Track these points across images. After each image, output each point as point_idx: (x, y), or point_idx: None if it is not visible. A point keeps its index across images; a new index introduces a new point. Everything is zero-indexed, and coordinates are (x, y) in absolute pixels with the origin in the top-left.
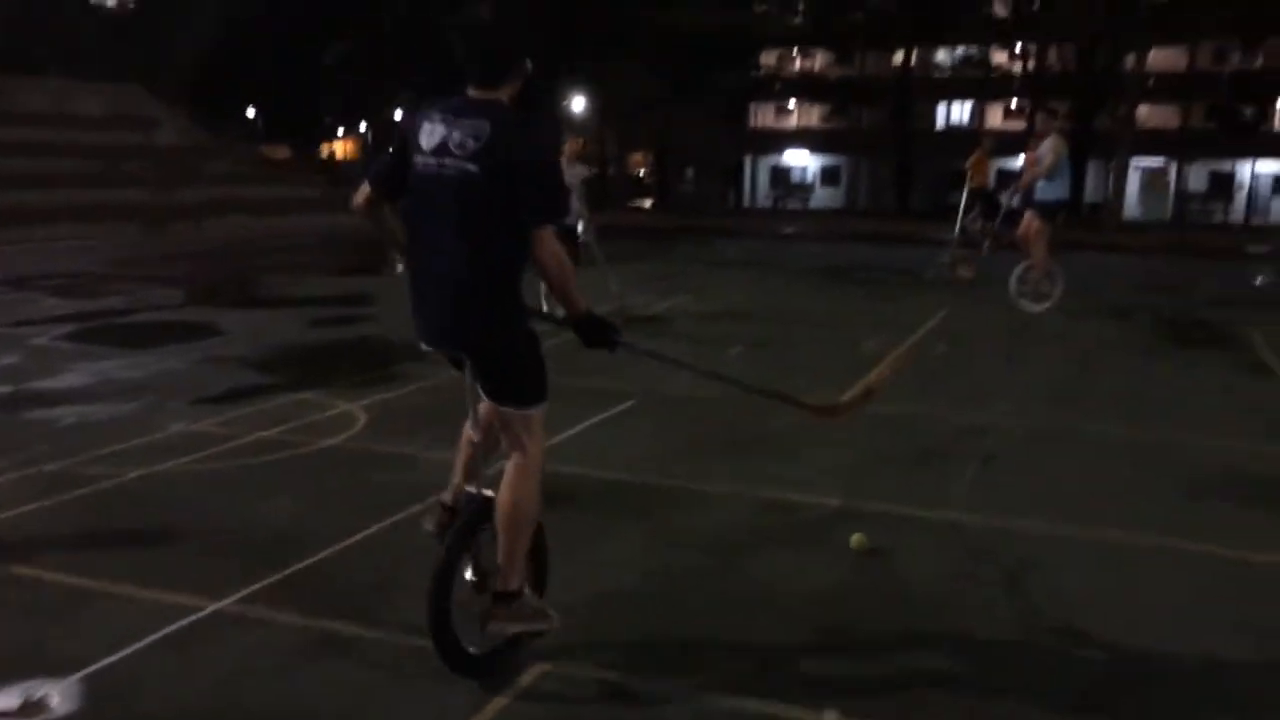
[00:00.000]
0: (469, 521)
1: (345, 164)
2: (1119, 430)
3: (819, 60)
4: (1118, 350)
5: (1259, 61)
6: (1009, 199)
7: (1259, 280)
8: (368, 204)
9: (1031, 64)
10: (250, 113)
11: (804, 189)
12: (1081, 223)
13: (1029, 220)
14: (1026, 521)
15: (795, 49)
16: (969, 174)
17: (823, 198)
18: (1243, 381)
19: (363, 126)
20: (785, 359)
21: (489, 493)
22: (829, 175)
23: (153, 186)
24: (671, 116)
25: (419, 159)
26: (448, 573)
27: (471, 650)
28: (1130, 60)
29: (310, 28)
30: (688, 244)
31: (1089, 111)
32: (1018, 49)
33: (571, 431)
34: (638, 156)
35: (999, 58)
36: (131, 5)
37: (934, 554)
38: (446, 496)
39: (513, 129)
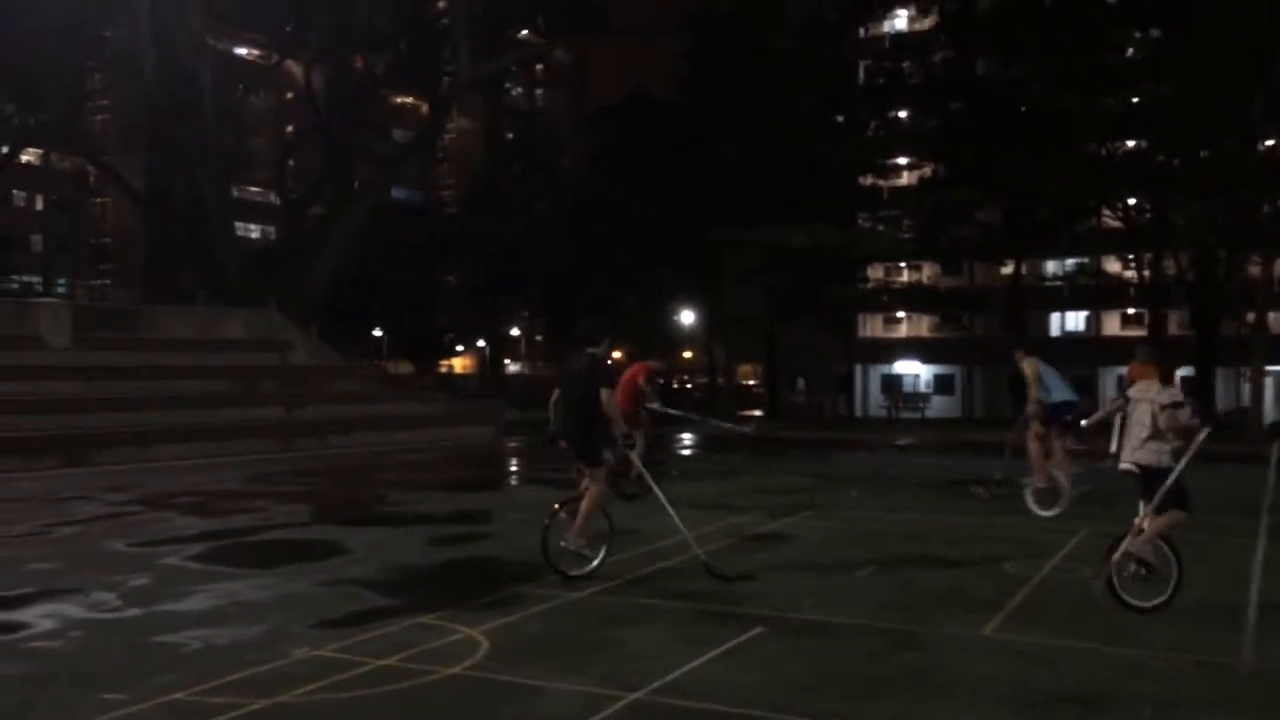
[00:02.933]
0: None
1: (463, 378)
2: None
3: (927, 271)
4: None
5: None
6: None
7: None
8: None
9: (1147, 272)
10: (377, 331)
11: (918, 398)
12: (1218, 435)
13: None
14: None
15: (903, 263)
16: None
17: (938, 406)
18: None
19: (480, 343)
20: (918, 580)
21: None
22: (942, 383)
23: (284, 404)
24: (780, 328)
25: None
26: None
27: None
28: (1256, 266)
29: (432, 252)
30: (801, 455)
31: (1212, 318)
32: (1131, 258)
33: (695, 663)
34: (746, 368)
35: (1113, 266)
36: (273, 237)
37: None
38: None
39: (599, 359)
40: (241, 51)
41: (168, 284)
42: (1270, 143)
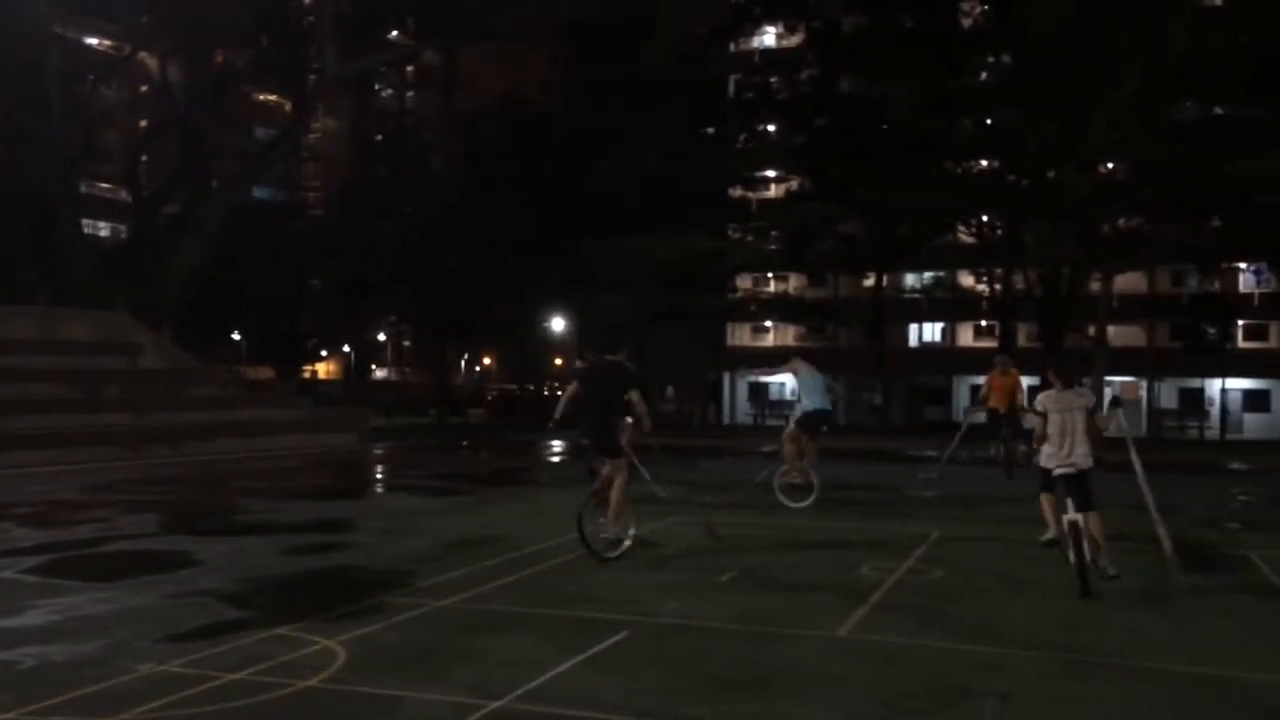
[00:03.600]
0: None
1: (327, 384)
2: (1143, 663)
3: (794, 282)
4: (1123, 573)
5: (1216, 285)
6: None
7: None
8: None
9: (999, 286)
10: (235, 335)
11: (783, 405)
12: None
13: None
14: None
15: (770, 273)
16: (987, 395)
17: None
18: (1262, 607)
19: (345, 348)
20: (778, 583)
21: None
22: None
23: (133, 410)
24: (650, 336)
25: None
26: (583, 517)
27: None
28: (1097, 283)
29: (296, 253)
30: (670, 463)
31: (1057, 331)
32: (984, 272)
33: (560, 669)
34: None
35: (967, 280)
36: (124, 235)
37: None
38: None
39: (625, 365)
40: (92, 41)
41: (8, 282)
42: (1109, 166)
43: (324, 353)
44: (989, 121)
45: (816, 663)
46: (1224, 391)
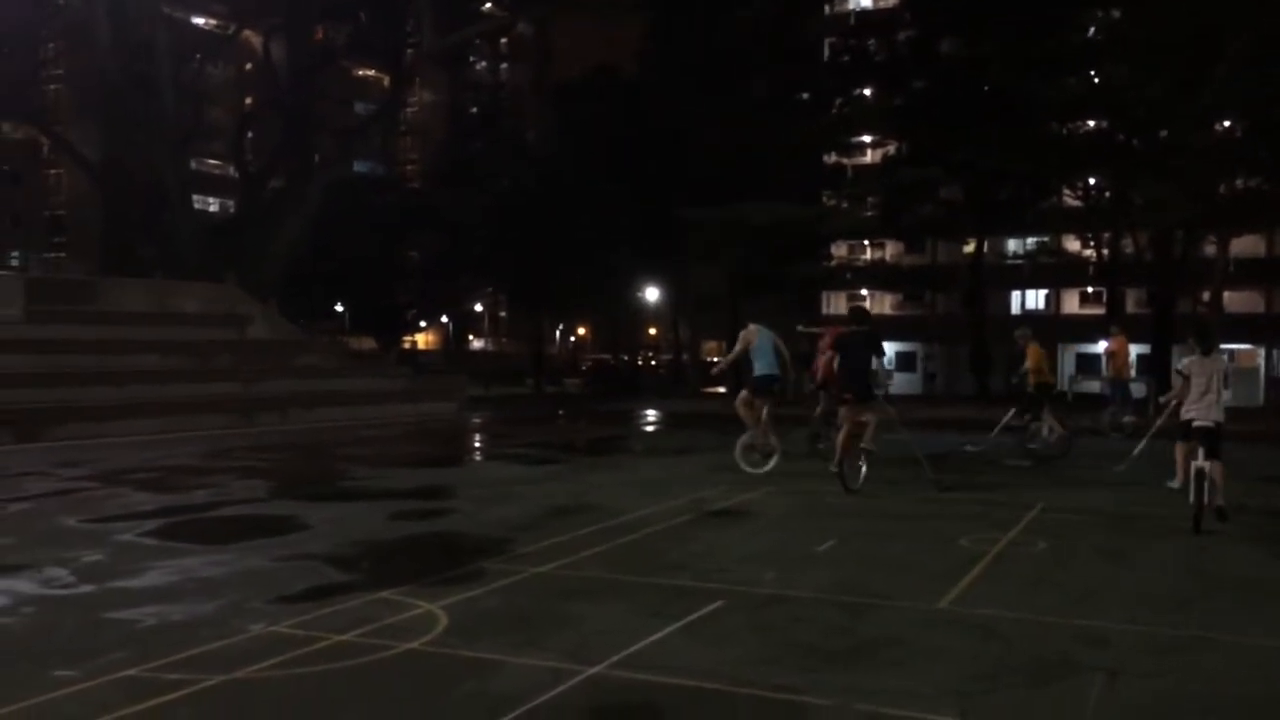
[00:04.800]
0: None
1: (426, 354)
2: (1251, 639)
3: (890, 250)
4: (1234, 545)
5: None
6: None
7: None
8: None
9: (1105, 251)
10: (339, 307)
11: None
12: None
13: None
14: None
15: (866, 240)
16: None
17: (900, 383)
18: None
19: (443, 319)
20: (878, 554)
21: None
22: (904, 361)
23: (243, 380)
24: (744, 306)
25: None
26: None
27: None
28: (1211, 246)
29: (394, 226)
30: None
31: (1169, 297)
32: (1090, 237)
33: (655, 636)
34: (711, 345)
35: (1072, 245)
36: (232, 210)
37: None
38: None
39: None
40: (199, 21)
41: (124, 257)
42: (1226, 124)
43: (423, 323)
44: (1095, 80)
45: (915, 634)
46: None
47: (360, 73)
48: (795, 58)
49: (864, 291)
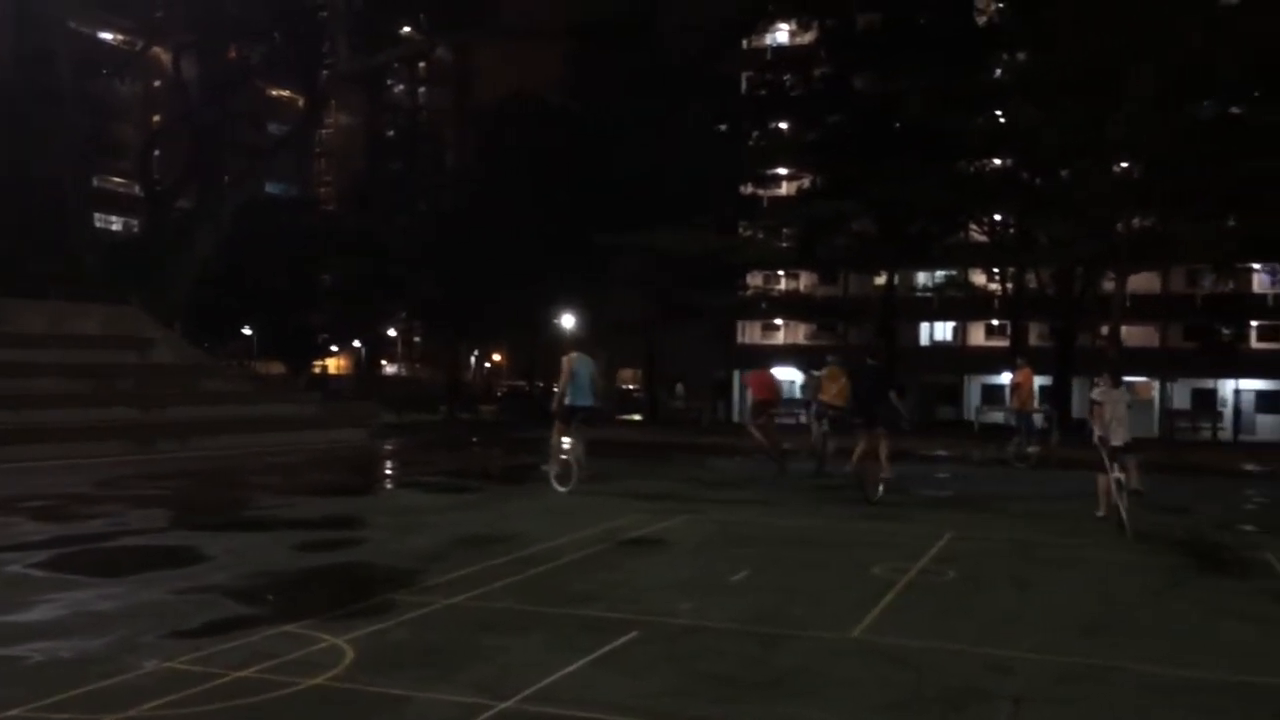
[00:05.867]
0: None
1: (337, 380)
2: (1158, 668)
3: (804, 280)
4: (1138, 575)
5: (1230, 285)
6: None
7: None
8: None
9: (1010, 285)
10: (246, 330)
11: (793, 404)
12: (1071, 441)
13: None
14: None
15: (781, 271)
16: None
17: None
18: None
19: (356, 343)
20: (792, 583)
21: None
22: None
23: (144, 405)
24: (661, 333)
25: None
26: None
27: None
28: (1110, 282)
29: (306, 248)
30: (680, 461)
31: (1070, 330)
32: (996, 271)
33: (570, 669)
34: (627, 372)
35: (979, 279)
36: (135, 229)
37: None
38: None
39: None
40: (106, 36)
41: (20, 276)
42: (1124, 165)
43: (334, 348)
44: (1003, 119)
45: (828, 664)
46: (1237, 392)
47: (275, 92)
48: (713, 90)
49: (778, 322)
